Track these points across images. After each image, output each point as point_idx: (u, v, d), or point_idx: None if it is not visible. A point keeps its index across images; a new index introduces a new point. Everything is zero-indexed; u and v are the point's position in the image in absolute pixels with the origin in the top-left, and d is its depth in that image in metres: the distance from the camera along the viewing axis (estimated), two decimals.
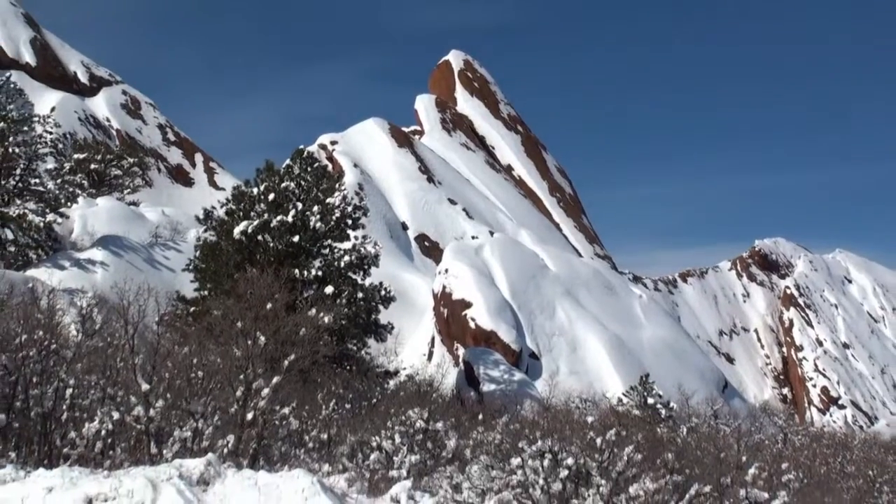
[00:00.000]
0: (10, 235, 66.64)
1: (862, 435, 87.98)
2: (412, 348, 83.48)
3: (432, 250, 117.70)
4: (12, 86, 73.23)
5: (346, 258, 50.73)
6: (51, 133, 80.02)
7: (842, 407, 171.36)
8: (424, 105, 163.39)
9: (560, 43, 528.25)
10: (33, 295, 45.21)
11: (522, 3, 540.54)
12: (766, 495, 30.87)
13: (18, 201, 67.30)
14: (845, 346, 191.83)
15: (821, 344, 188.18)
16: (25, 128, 68.85)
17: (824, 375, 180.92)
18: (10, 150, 66.30)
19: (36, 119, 74.13)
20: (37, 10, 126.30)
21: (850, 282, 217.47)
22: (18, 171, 67.14)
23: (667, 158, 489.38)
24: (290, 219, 48.83)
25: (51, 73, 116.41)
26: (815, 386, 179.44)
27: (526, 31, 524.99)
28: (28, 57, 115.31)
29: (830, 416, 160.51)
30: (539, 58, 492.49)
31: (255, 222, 48.66)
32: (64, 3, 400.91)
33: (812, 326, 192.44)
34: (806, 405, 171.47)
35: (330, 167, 71.07)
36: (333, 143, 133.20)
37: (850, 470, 49.12)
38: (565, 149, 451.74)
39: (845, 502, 36.60)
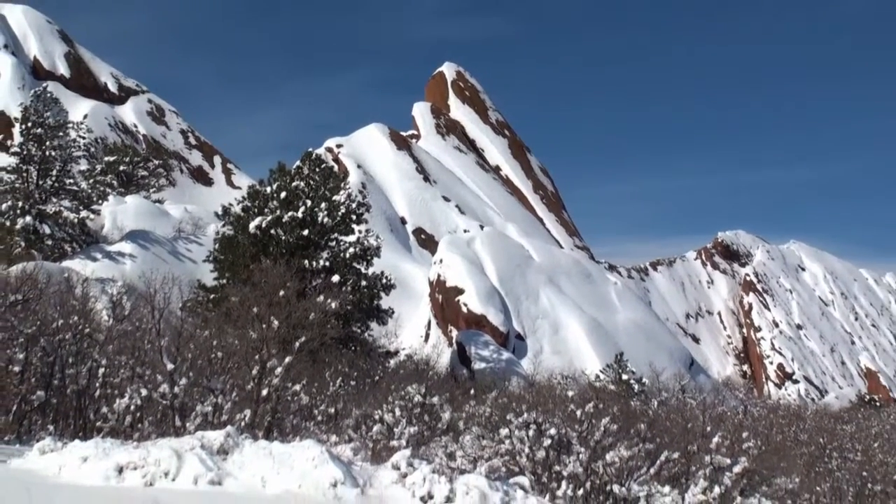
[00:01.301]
0: (47, 230, 66.94)
1: (813, 407, 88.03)
2: (410, 331, 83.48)
3: (428, 243, 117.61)
4: (49, 95, 73.34)
5: (351, 250, 50.67)
6: (84, 138, 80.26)
7: (796, 382, 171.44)
8: (421, 112, 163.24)
9: (543, 55, 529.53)
10: (69, 284, 45.16)
11: (509, 20, 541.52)
12: (728, 461, 30.85)
13: (55, 199, 67.77)
14: (799, 327, 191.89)
15: (777, 325, 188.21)
16: (61, 133, 69.08)
17: (780, 353, 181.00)
18: (48, 153, 66.65)
19: (70, 125, 74.13)
20: (71, 27, 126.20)
21: (803, 270, 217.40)
22: (55, 172, 67.32)
23: (640, 159, 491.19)
24: (299, 214, 48.77)
25: (83, 83, 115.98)
26: (771, 363, 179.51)
27: (512, 44, 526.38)
28: (63, 69, 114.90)
29: (785, 389, 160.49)
30: (524, 68, 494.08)
31: (269, 218, 48.58)
32: (95, 20, 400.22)
33: (769, 310, 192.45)
34: (764, 380, 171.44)
35: (336, 168, 70.67)
36: (339, 146, 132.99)
37: (803, 438, 49.15)
38: (548, 150, 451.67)
39: (799, 466, 36.55)
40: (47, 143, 66.70)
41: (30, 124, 67.28)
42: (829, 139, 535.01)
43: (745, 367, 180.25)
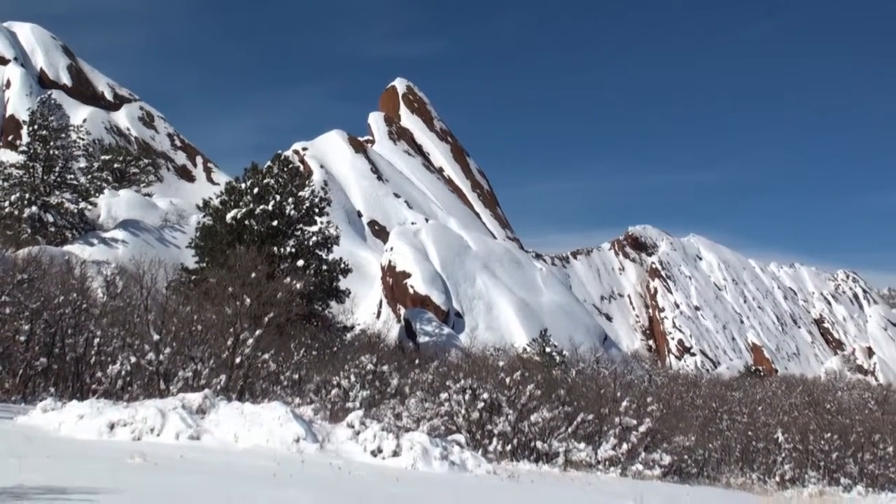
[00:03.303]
0: (50, 219, 67.21)
1: (707, 376, 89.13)
2: (364, 309, 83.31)
3: (380, 233, 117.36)
4: (53, 102, 72.87)
5: (314, 238, 50.59)
6: (83, 139, 79.97)
7: (693, 354, 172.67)
8: (375, 120, 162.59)
9: (480, 72, 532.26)
10: (69, 265, 44.81)
11: (452, 42, 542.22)
12: (634, 422, 31.16)
13: (57, 192, 67.74)
14: (696, 308, 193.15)
15: (678, 306, 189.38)
16: (63, 135, 68.90)
17: (680, 331, 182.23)
18: (51, 152, 66.54)
19: (71, 128, 74.00)
20: (72, 42, 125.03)
21: (700, 259, 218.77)
22: (57, 169, 67.20)
23: (562, 162, 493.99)
24: (270, 207, 48.64)
25: (83, 92, 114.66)
26: (673, 339, 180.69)
27: (455, 62, 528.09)
28: (65, 79, 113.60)
29: (684, 361, 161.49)
30: (464, 83, 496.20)
31: (243, 210, 48.43)
32: (95, 37, 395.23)
33: (671, 293, 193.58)
34: (666, 353, 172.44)
35: (301, 168, 70.45)
36: (304, 149, 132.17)
37: (698, 402, 49.67)
38: (484, 155, 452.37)
39: (695, 427, 36.90)
40: (51, 143, 66.54)
41: (36, 127, 67.21)
42: (723, 148, 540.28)
43: (651, 342, 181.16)
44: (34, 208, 65.44)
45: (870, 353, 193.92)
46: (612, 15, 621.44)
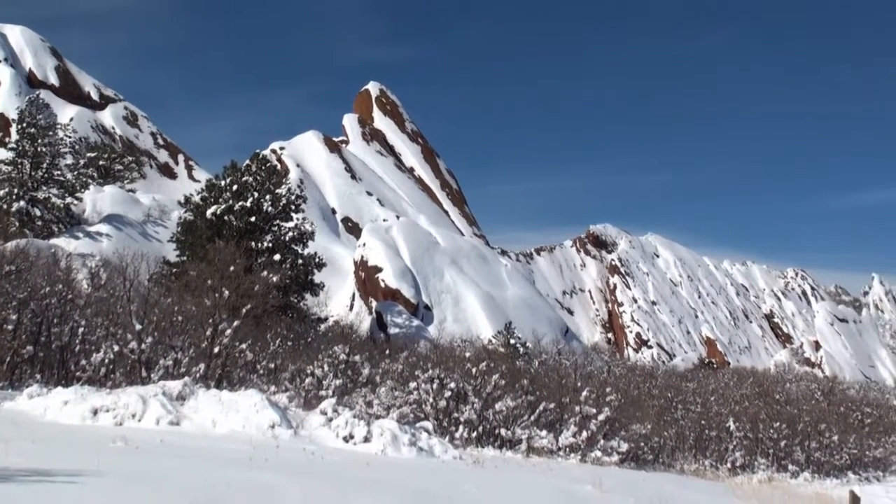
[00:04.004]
0: (38, 213, 67.17)
1: (663, 367, 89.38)
2: (338, 301, 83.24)
3: (353, 229, 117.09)
4: (41, 101, 72.93)
5: (290, 234, 50.50)
6: (69, 137, 79.75)
7: (650, 347, 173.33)
8: (349, 122, 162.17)
9: (450, 77, 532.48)
10: (55, 258, 44.56)
11: (422, 48, 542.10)
12: (594, 410, 31.34)
13: (45, 187, 67.77)
14: (653, 303, 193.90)
15: (636, 301, 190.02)
16: (50, 133, 68.98)
17: (638, 324, 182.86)
18: (39, 149, 66.53)
19: (58, 126, 74.08)
20: (60, 44, 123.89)
21: (657, 257, 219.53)
22: (45, 165, 67.20)
23: (527, 164, 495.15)
24: (248, 204, 48.50)
25: (70, 92, 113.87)
26: (631, 332, 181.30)
27: (425, 67, 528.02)
28: (53, 80, 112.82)
29: (641, 354, 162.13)
30: (435, 87, 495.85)
31: (223, 206, 48.24)
32: (81, 39, 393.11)
33: (630, 288, 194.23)
34: (624, 345, 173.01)
35: (278, 167, 70.28)
36: (281, 148, 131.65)
37: (654, 393, 49.95)
38: (454, 155, 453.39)
39: (651, 416, 37.15)
40: (39, 140, 66.51)
41: (25, 125, 67.16)
42: (680, 152, 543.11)
43: (610, 335, 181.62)
44: (22, 203, 65.33)
45: (817, 346, 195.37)
46: (572, 29, 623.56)
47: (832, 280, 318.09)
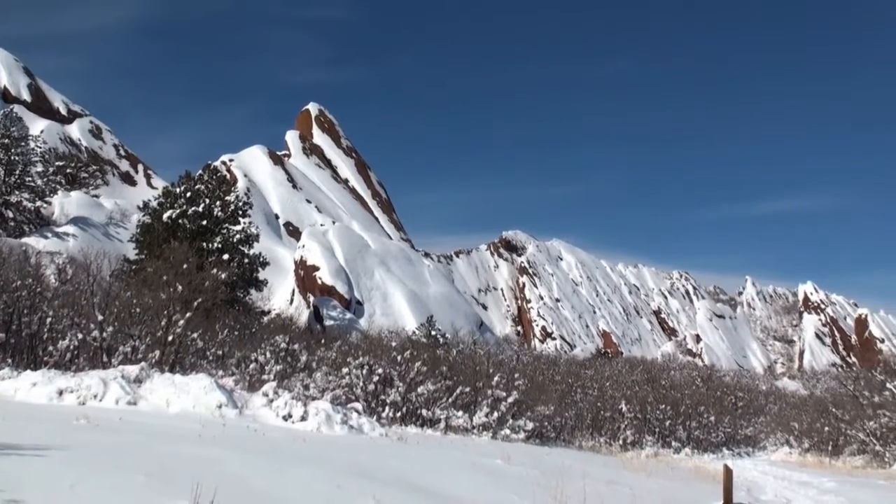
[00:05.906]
0: (10, 215, 67.00)
1: (565, 357, 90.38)
2: (280, 296, 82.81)
3: (294, 233, 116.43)
4: (14, 115, 72.17)
5: (237, 236, 50.12)
6: (40, 148, 78.85)
7: (553, 339, 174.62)
8: (291, 137, 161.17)
9: (382, 97, 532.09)
10: (25, 255, 43.79)
11: (359, 72, 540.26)
12: (504, 394, 31.66)
13: (17, 192, 67.57)
14: (557, 300, 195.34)
15: (542, 299, 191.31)
16: (23, 143, 68.92)
17: (543, 319, 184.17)
18: (12, 157, 66.12)
19: (30, 138, 74.02)
20: (32, 63, 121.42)
21: (561, 259, 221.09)
22: (17, 172, 66.77)
23: (449, 176, 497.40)
24: (200, 209, 48.09)
25: (41, 107, 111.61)
26: (537, 325, 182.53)
27: (360, 88, 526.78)
28: (25, 95, 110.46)
29: (546, 344, 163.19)
30: (368, 106, 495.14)
31: (177, 211, 47.78)
32: (51, 59, 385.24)
33: (537, 287, 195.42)
34: (531, 337, 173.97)
35: (228, 176, 69.83)
36: (231, 160, 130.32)
37: (557, 378, 50.54)
38: (384, 167, 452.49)
39: (554, 398, 37.51)
40: (12, 150, 66.15)
41: None
42: (582, 168, 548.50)
43: (519, 328, 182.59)
44: None
45: (698, 339, 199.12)
46: (494, 55, 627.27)
47: (711, 281, 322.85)
